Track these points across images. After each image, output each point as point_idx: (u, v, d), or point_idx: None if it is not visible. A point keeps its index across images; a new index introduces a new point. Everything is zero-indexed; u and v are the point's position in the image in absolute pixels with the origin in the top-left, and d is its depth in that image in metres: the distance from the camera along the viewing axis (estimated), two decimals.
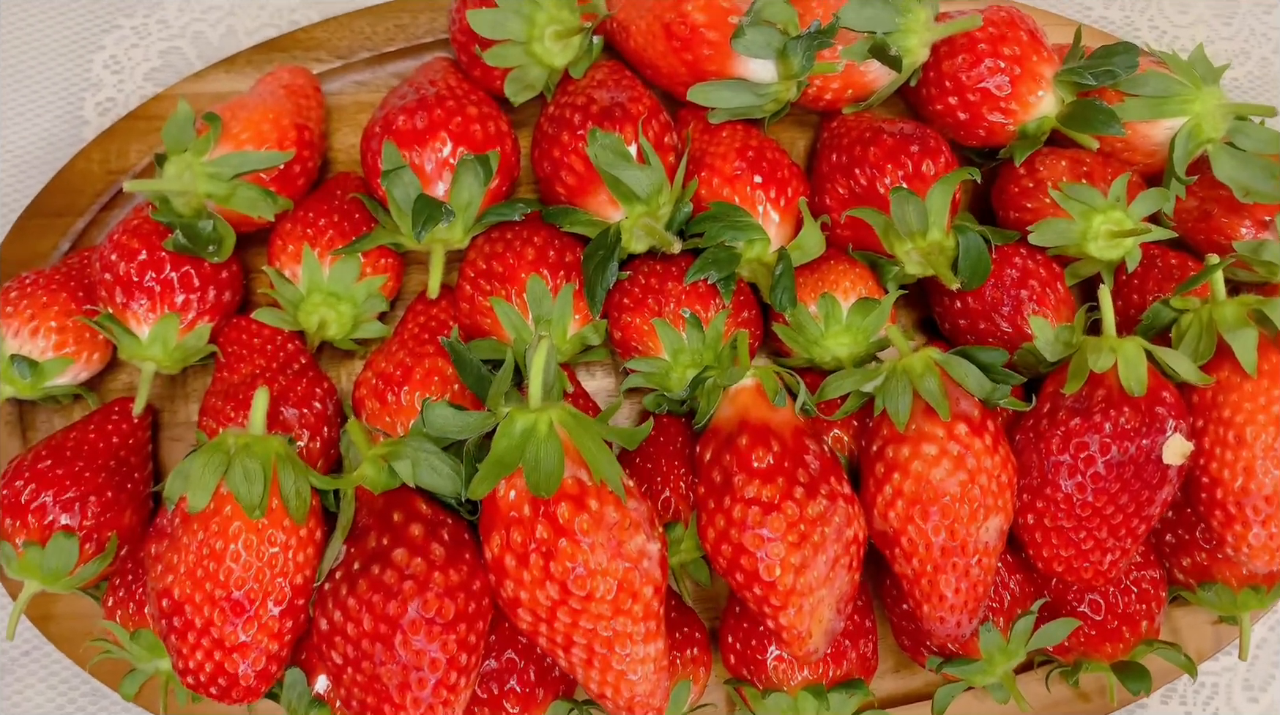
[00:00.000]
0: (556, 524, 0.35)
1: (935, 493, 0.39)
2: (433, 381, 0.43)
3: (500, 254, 0.44)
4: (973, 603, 0.39)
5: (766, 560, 0.37)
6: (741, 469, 0.38)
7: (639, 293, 0.44)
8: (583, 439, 0.37)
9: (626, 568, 0.36)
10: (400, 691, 0.35)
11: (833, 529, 0.38)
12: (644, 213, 0.44)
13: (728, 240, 0.44)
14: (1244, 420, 0.40)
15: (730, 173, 0.45)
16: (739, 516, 0.38)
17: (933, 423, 0.40)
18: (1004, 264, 0.46)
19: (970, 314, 0.46)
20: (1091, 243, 0.45)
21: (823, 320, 0.45)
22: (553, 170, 0.45)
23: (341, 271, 0.44)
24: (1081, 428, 0.40)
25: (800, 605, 0.38)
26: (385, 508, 0.38)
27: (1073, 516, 0.40)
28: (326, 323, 0.44)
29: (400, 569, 0.36)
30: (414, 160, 0.43)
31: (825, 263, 0.46)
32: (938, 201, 0.43)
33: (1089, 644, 0.44)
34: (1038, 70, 0.47)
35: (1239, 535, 0.41)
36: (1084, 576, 0.41)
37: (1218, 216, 0.48)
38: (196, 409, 0.47)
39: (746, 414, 0.40)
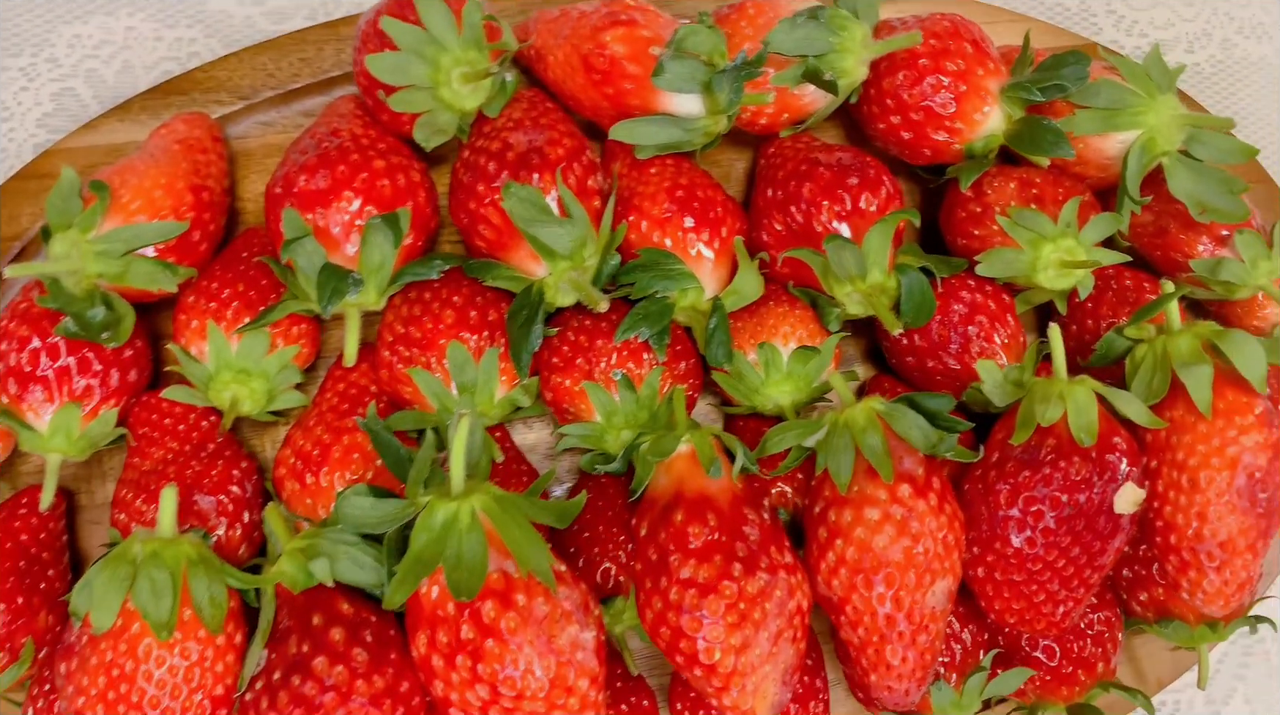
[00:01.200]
0: (482, 624, 0.34)
1: (878, 560, 0.37)
2: (352, 459, 0.41)
3: (418, 318, 0.41)
4: (920, 671, 0.38)
5: (705, 643, 0.36)
6: (677, 548, 0.37)
7: (568, 352, 0.42)
8: (508, 527, 0.35)
9: (559, 663, 0.35)
10: None
11: (774, 604, 0.37)
12: (568, 268, 0.41)
13: (659, 291, 0.42)
14: (1197, 464, 0.39)
15: (660, 216, 0.43)
16: (675, 599, 0.36)
17: (875, 484, 0.38)
18: (950, 298, 0.44)
19: (917, 352, 0.44)
20: (1041, 273, 0.43)
21: (763, 368, 0.43)
22: (470, 223, 0.42)
23: (250, 346, 0.41)
24: (1030, 481, 0.38)
25: (743, 685, 0.37)
26: (305, 608, 0.36)
27: (1023, 570, 0.39)
28: (239, 400, 0.42)
29: (321, 680, 0.34)
30: (318, 223, 0.40)
31: (765, 304, 0.44)
32: (876, 243, 0.41)
33: (1044, 688, 0.43)
34: (983, 85, 0.44)
35: (1194, 581, 0.40)
36: (1037, 627, 0.40)
37: (1174, 232, 0.46)
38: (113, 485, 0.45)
39: (682, 485, 0.38)
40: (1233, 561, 0.39)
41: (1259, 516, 0.39)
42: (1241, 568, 0.39)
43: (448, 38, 0.41)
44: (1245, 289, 0.45)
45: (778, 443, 0.41)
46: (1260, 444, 0.39)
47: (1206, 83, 0.57)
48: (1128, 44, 0.57)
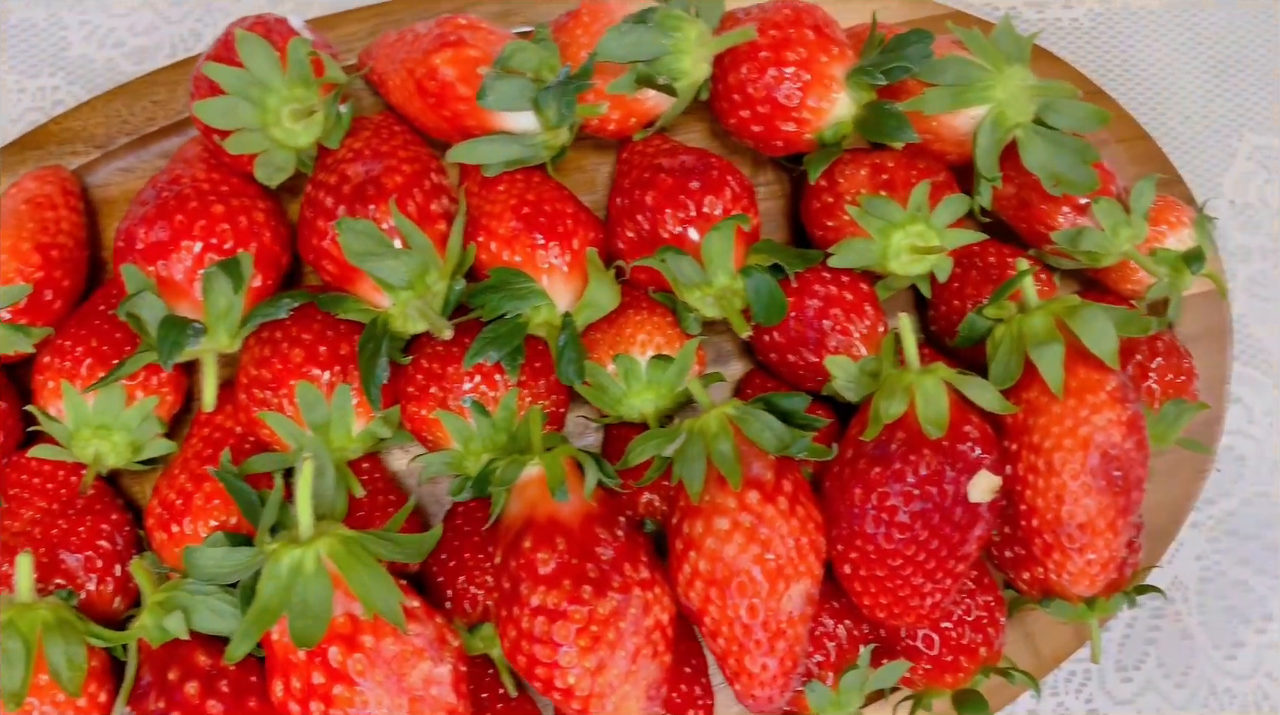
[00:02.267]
0: (330, 668, 0.34)
1: (730, 570, 0.37)
2: (213, 506, 0.41)
3: (268, 359, 0.41)
4: (782, 678, 0.38)
5: (560, 668, 0.36)
6: (527, 576, 0.37)
7: (422, 380, 0.42)
8: (354, 569, 0.36)
9: (412, 701, 0.35)
10: None
11: (629, 622, 0.37)
12: (411, 297, 0.41)
13: (509, 312, 0.42)
14: (1052, 446, 0.39)
15: (507, 234, 0.42)
16: (527, 627, 0.36)
17: (725, 492, 0.38)
18: (804, 293, 0.43)
19: (778, 348, 0.44)
20: (894, 261, 0.43)
21: (622, 379, 0.43)
22: (315, 258, 0.42)
23: (106, 402, 0.42)
24: (881, 477, 0.38)
25: (602, 706, 0.37)
26: (164, 663, 0.37)
27: (884, 565, 0.39)
28: (102, 455, 0.42)
29: None
30: (160, 273, 0.40)
31: (624, 313, 0.44)
32: (717, 248, 0.41)
33: (928, 677, 0.43)
34: (827, 72, 0.43)
35: (1059, 563, 0.40)
36: (907, 620, 0.40)
37: (1036, 203, 0.45)
38: None
39: (533, 510, 0.38)
40: (1094, 543, 0.39)
41: (1116, 495, 0.38)
42: (1103, 548, 0.39)
43: (272, 78, 0.41)
44: (1109, 257, 0.44)
45: (639, 454, 0.41)
46: (1113, 421, 0.38)
47: (1086, 37, 0.56)
48: (1003, 4, 0.55)
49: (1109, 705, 0.50)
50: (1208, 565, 0.52)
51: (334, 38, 0.49)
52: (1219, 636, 0.51)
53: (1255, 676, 0.51)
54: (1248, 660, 0.51)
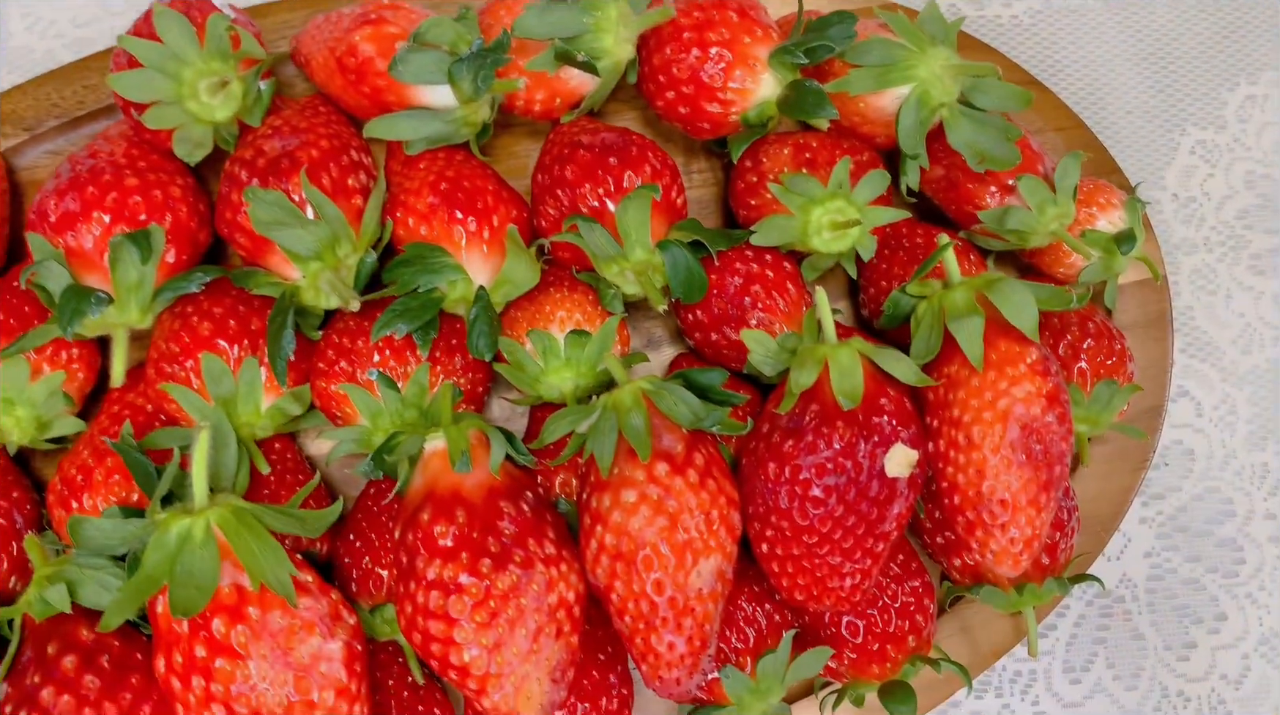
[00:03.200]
0: (213, 641, 0.33)
1: (636, 543, 0.36)
2: (114, 481, 0.40)
3: (177, 332, 0.41)
4: (690, 658, 0.37)
5: (455, 645, 0.35)
6: (424, 548, 0.36)
7: (331, 355, 0.41)
8: (244, 540, 0.34)
9: (298, 676, 0.34)
10: None
11: (530, 599, 0.35)
12: (321, 269, 0.40)
13: (422, 286, 0.41)
14: (971, 419, 0.37)
15: (424, 209, 0.42)
16: (423, 602, 0.35)
17: (634, 465, 0.37)
18: (726, 272, 0.42)
19: (701, 327, 0.43)
20: (815, 237, 0.42)
21: (540, 356, 0.42)
22: (229, 234, 0.42)
23: (9, 375, 0.41)
24: (794, 451, 0.37)
25: (501, 686, 0.35)
26: (44, 637, 0.35)
27: (800, 543, 0.38)
28: (5, 429, 0.41)
29: (47, 710, 0.33)
30: (70, 244, 0.40)
31: (544, 291, 0.43)
32: (633, 219, 0.40)
33: (854, 667, 0.41)
34: (750, 53, 0.43)
35: (981, 541, 0.38)
36: (826, 603, 0.39)
37: (963, 183, 0.45)
38: None
39: (435, 483, 0.37)
40: (1016, 518, 0.37)
41: (1038, 469, 0.37)
42: (1026, 525, 0.37)
43: (188, 51, 0.41)
44: (1037, 236, 0.44)
45: (553, 431, 0.40)
46: (1032, 394, 0.37)
47: (1026, 34, 0.56)
48: (942, 4, 0.56)
49: (1056, 708, 0.48)
50: (1157, 562, 0.50)
51: (268, 25, 0.49)
52: (1170, 637, 0.49)
53: (1209, 679, 0.49)
54: (1201, 662, 0.49)
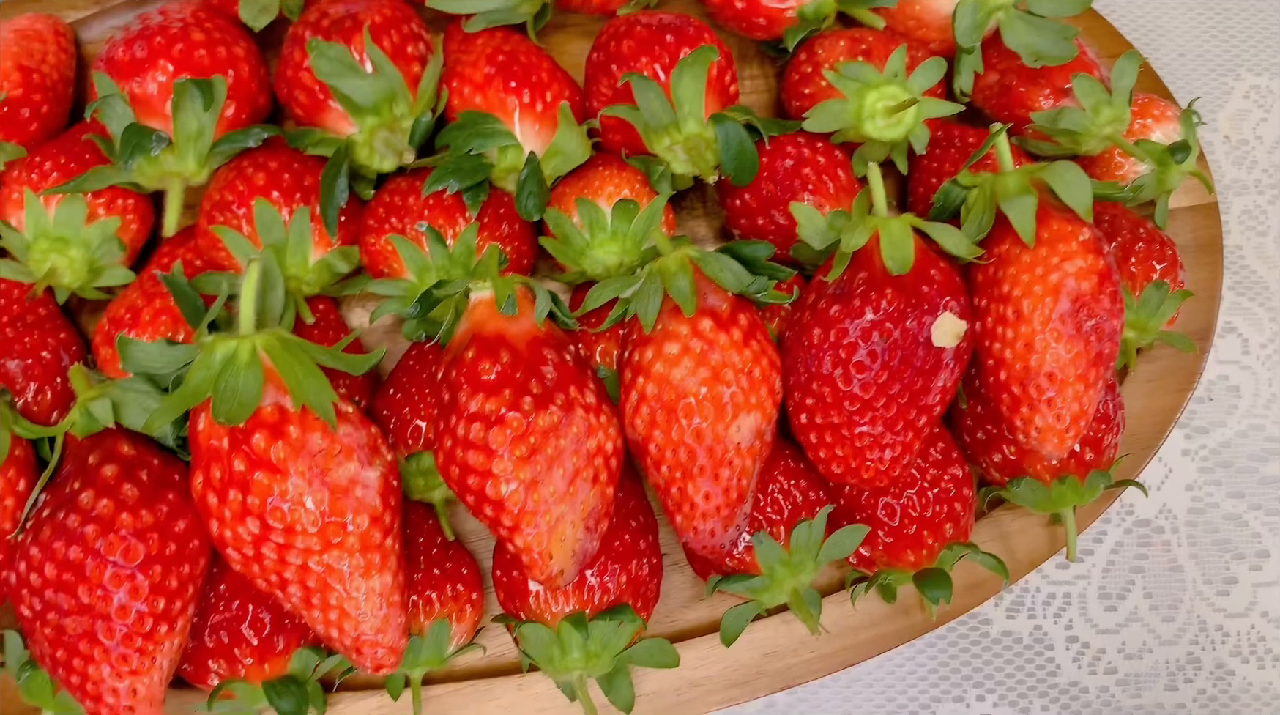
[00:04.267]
0: (252, 455, 0.33)
1: (677, 393, 0.36)
2: (161, 322, 0.40)
3: (231, 182, 0.41)
4: (726, 509, 0.36)
5: (493, 477, 0.34)
6: (468, 382, 0.35)
7: (381, 212, 0.42)
8: (289, 364, 0.34)
9: (333, 497, 0.33)
10: (87, 641, 0.33)
11: (569, 440, 0.35)
12: (377, 125, 0.41)
13: (474, 149, 0.41)
14: (1021, 293, 0.37)
15: (480, 79, 0.42)
16: (463, 434, 0.35)
17: (678, 321, 0.37)
18: (778, 156, 0.42)
19: (749, 212, 0.43)
20: (868, 122, 0.42)
21: (587, 228, 0.42)
22: (289, 91, 0.42)
23: (67, 214, 0.41)
24: (841, 314, 0.37)
25: (536, 524, 0.35)
26: (85, 451, 0.36)
27: (842, 412, 0.37)
28: (58, 270, 0.42)
29: (85, 512, 0.33)
30: (133, 90, 0.41)
31: (592, 169, 0.43)
32: (688, 88, 0.40)
33: (889, 553, 0.41)
34: None
35: (1026, 418, 0.38)
36: (864, 477, 0.38)
37: (1016, 88, 0.45)
38: None
39: (480, 327, 0.37)
40: (1063, 393, 0.37)
41: (1087, 344, 0.37)
42: (1073, 400, 0.37)
43: None
44: (1090, 139, 0.43)
45: (598, 297, 0.40)
46: (1084, 269, 0.37)
47: None
48: None
49: (1090, 633, 0.47)
50: (1199, 496, 0.49)
51: None
52: (1211, 571, 0.48)
53: (1250, 615, 0.48)
54: (1242, 598, 0.48)
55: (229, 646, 0.37)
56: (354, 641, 0.35)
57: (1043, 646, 0.47)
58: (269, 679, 0.38)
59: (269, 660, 0.37)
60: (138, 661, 0.33)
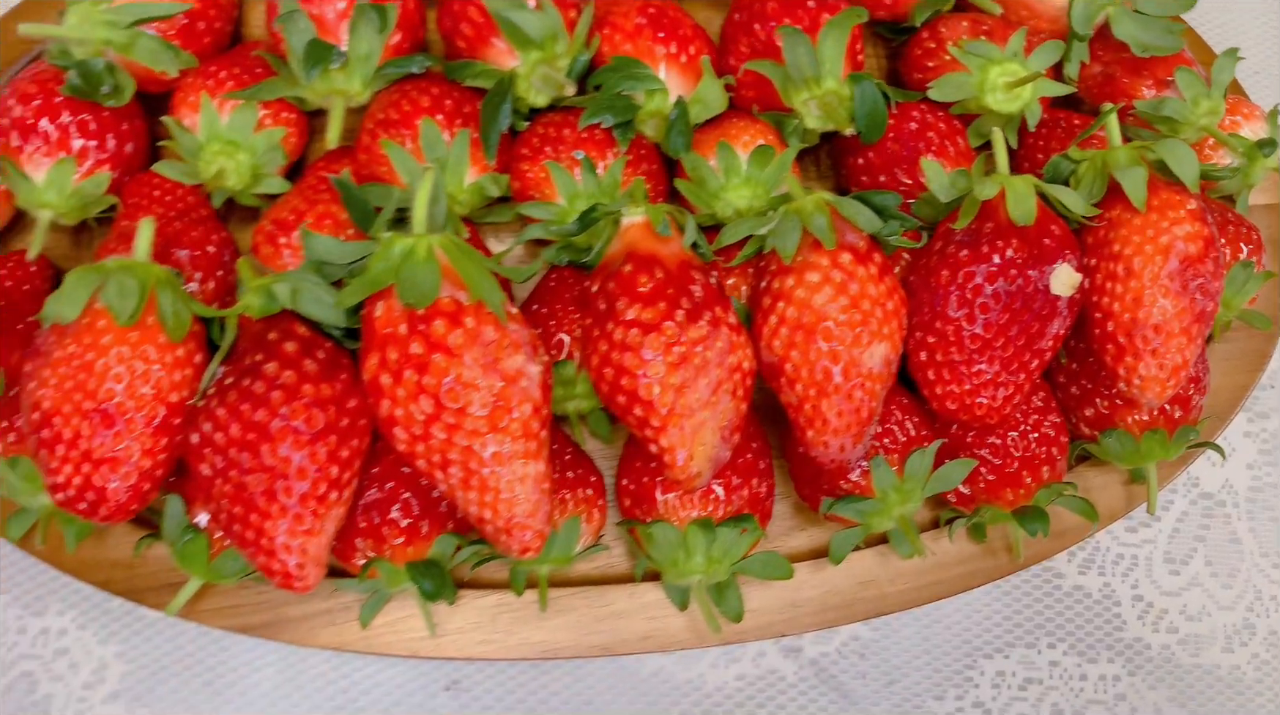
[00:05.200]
0: (431, 339, 0.35)
1: (817, 317, 0.39)
2: (325, 225, 0.43)
3: (397, 102, 0.44)
4: (856, 426, 0.39)
5: (646, 379, 0.37)
6: (624, 293, 0.38)
7: (536, 142, 0.44)
8: (463, 262, 0.37)
9: (502, 385, 0.36)
10: (267, 499, 0.35)
11: (715, 353, 0.38)
12: (540, 59, 0.44)
13: (625, 90, 0.44)
14: (1132, 252, 0.40)
15: (631, 28, 0.46)
16: (619, 338, 0.38)
17: (818, 253, 0.39)
18: (904, 119, 0.46)
19: (871, 169, 0.46)
20: (989, 94, 0.46)
21: (722, 172, 0.45)
22: (452, 25, 0.45)
23: (239, 120, 0.44)
24: (969, 258, 0.40)
25: (681, 426, 0.38)
26: (263, 330, 0.38)
27: (963, 349, 0.40)
28: (225, 172, 0.44)
29: (270, 379, 0.36)
30: (312, 10, 0.44)
31: (728, 120, 0.46)
32: (830, 47, 0.44)
33: (989, 490, 0.43)
34: None
35: (1130, 367, 0.41)
36: (977, 413, 0.41)
37: (1120, 78, 0.48)
38: None
39: (634, 247, 0.40)
40: (1167, 344, 0.40)
41: (1192, 301, 0.40)
42: (1176, 351, 0.40)
43: None
44: (1188, 128, 0.47)
45: (733, 233, 0.43)
46: (1192, 234, 0.40)
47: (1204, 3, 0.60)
48: None
49: (1154, 593, 0.50)
50: (1258, 475, 0.52)
51: None
52: (1267, 545, 0.51)
53: None
54: None
55: (378, 527, 0.39)
56: (506, 523, 0.37)
57: (1110, 603, 0.50)
58: (412, 560, 0.40)
59: (414, 543, 0.40)
60: (310, 522, 0.36)
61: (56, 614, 0.46)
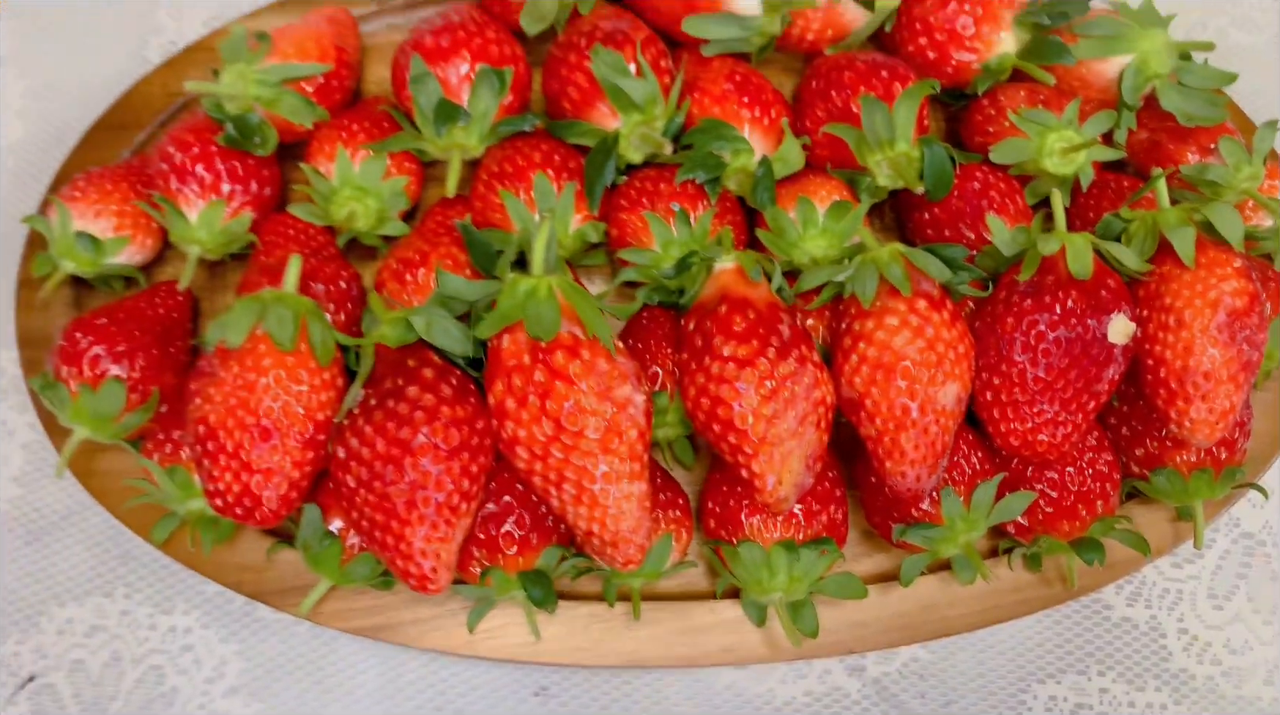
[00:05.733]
0: (553, 368, 0.40)
1: (896, 357, 0.43)
2: (447, 265, 0.47)
3: (511, 157, 0.49)
4: (931, 458, 0.43)
5: (740, 410, 0.41)
6: (720, 332, 0.43)
7: (634, 194, 0.49)
8: (579, 302, 0.42)
9: (613, 411, 0.40)
10: (408, 508, 0.39)
11: (802, 387, 0.42)
12: (640, 121, 0.49)
13: (715, 149, 0.49)
14: (1183, 305, 0.44)
15: (719, 93, 0.51)
16: (716, 372, 0.42)
17: (896, 299, 0.44)
18: (967, 179, 0.50)
19: (937, 224, 0.51)
20: (1047, 158, 0.50)
21: (800, 224, 0.49)
22: (560, 88, 0.50)
23: (369, 168, 0.49)
24: (1033, 308, 0.44)
25: (771, 453, 0.42)
26: (401, 357, 0.42)
27: (1026, 390, 0.44)
28: (355, 215, 0.49)
29: (413, 402, 0.40)
30: (439, 73, 0.49)
31: (805, 176, 0.51)
32: (904, 114, 0.48)
33: (1047, 522, 0.47)
34: (998, 12, 0.52)
35: (1181, 411, 0.44)
36: (1039, 450, 0.45)
37: (1165, 144, 0.53)
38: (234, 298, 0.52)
39: (727, 290, 0.44)
40: (1216, 390, 0.44)
41: (1239, 351, 0.44)
42: (1224, 397, 0.44)
43: None
44: (1230, 191, 0.51)
45: (813, 279, 0.47)
46: (1238, 289, 0.44)
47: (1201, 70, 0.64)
48: None
49: (1199, 626, 0.53)
50: None
51: None
52: None
53: None
54: None
55: (494, 538, 0.43)
56: (613, 537, 0.41)
57: (1157, 635, 0.53)
58: (523, 570, 0.44)
59: (525, 554, 0.44)
60: (444, 530, 0.40)
61: (183, 613, 0.50)
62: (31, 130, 0.58)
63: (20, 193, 0.57)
